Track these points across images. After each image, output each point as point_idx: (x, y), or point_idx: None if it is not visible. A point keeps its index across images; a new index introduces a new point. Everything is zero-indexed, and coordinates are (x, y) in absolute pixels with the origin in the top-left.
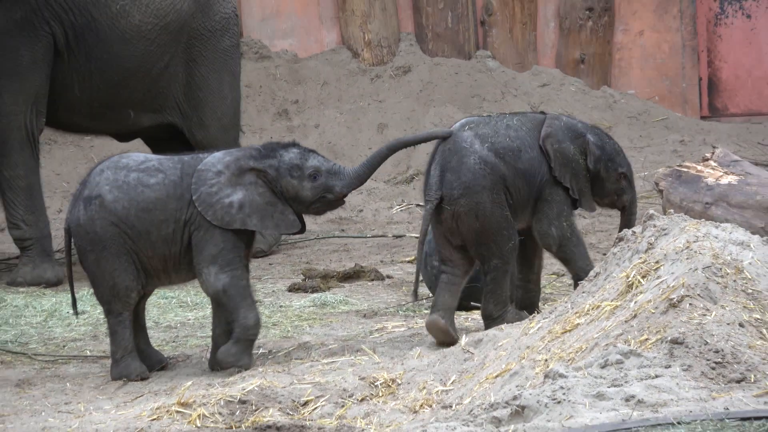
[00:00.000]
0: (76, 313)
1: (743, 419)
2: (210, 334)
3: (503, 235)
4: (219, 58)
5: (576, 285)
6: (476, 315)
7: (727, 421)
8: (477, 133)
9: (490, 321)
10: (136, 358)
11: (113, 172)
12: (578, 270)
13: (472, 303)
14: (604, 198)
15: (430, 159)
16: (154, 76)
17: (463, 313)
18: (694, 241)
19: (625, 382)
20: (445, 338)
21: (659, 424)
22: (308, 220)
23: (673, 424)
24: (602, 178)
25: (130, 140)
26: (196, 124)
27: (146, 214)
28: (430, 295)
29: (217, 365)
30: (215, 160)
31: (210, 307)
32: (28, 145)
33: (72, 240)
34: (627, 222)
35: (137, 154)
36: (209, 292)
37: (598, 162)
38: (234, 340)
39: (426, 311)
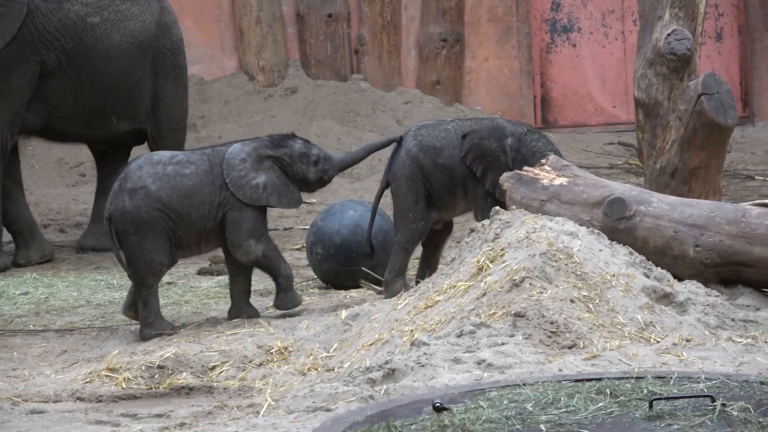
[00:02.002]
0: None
1: (577, 380)
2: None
3: (408, 218)
4: (175, 73)
5: None
6: (354, 293)
7: (564, 382)
8: (416, 133)
9: (384, 285)
10: (164, 318)
11: (151, 167)
12: None
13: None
14: None
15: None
16: (131, 87)
17: (342, 291)
18: (533, 232)
19: (477, 348)
20: None
21: (507, 386)
22: None
23: (519, 386)
24: None
25: (105, 146)
26: (155, 127)
27: (186, 199)
28: (315, 277)
29: (279, 309)
30: (237, 150)
31: None
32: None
33: (113, 227)
34: None
35: (164, 151)
36: (250, 260)
37: (513, 162)
38: (283, 290)
39: (312, 291)
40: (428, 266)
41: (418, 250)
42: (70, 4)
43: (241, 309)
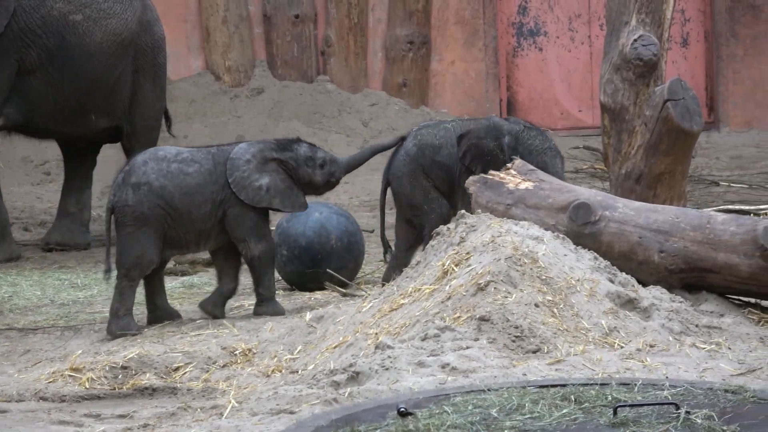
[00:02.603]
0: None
1: (541, 386)
2: (97, 310)
3: (425, 209)
4: (154, 72)
5: None
6: (318, 295)
7: (528, 388)
8: (416, 134)
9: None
10: (133, 317)
11: (156, 163)
12: None
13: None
14: None
15: None
16: (111, 84)
17: (306, 293)
18: (498, 236)
19: (442, 352)
20: None
21: (472, 391)
22: None
23: (484, 391)
24: None
25: (83, 143)
26: (130, 124)
27: (188, 197)
28: (279, 278)
29: (259, 316)
30: (243, 151)
31: (96, 288)
32: None
33: (114, 218)
34: None
35: (169, 147)
36: (247, 257)
37: (511, 160)
38: (264, 300)
39: (276, 292)
40: (398, 268)
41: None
42: (52, 1)
43: (215, 306)
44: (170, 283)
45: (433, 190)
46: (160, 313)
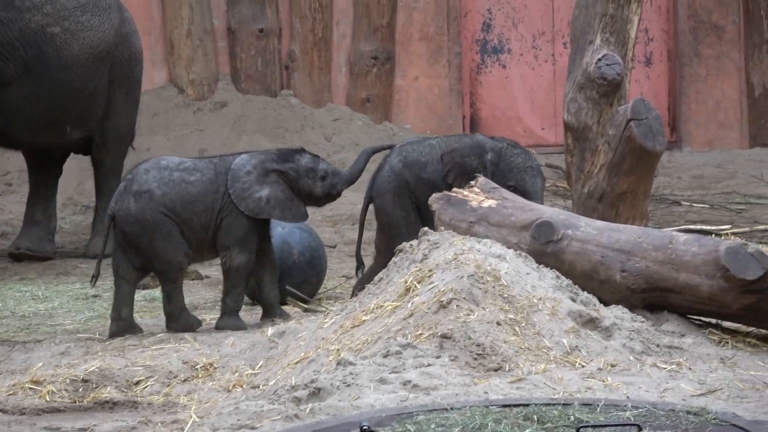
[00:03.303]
0: (94, 285)
1: (504, 405)
2: (58, 322)
3: (402, 232)
4: (129, 84)
5: None
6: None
7: (491, 407)
8: (400, 150)
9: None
10: (189, 313)
11: (158, 171)
12: None
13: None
14: None
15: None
16: (87, 96)
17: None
18: (461, 254)
19: (403, 369)
20: None
21: (435, 410)
22: None
23: (446, 410)
24: None
25: (58, 154)
26: (102, 136)
27: (190, 205)
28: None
29: (220, 330)
30: (244, 161)
31: (57, 300)
32: None
33: (116, 226)
34: None
35: (171, 157)
36: (226, 265)
37: (493, 176)
38: (228, 313)
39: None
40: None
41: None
42: (30, 14)
43: (275, 314)
44: None
45: (413, 212)
46: (123, 325)
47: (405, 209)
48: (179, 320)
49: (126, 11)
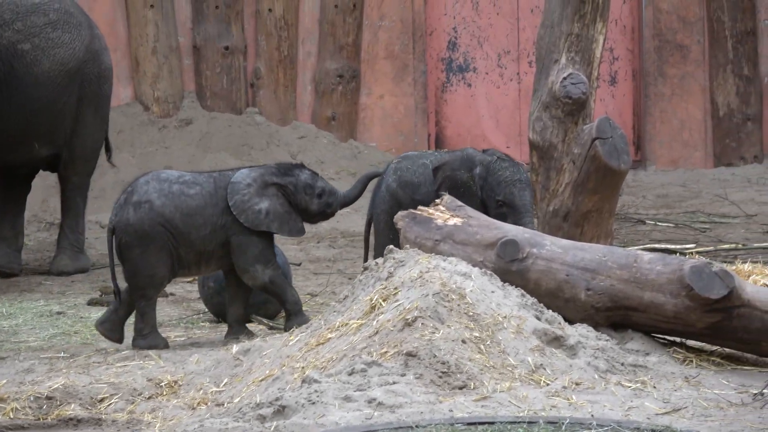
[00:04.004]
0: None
1: (469, 423)
2: (22, 339)
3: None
4: (98, 101)
5: None
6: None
7: (456, 425)
8: (396, 167)
9: None
10: (158, 333)
11: (158, 183)
12: None
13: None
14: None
15: None
16: (56, 112)
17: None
18: (426, 272)
19: (368, 387)
20: None
21: (401, 427)
22: (103, 245)
23: (411, 427)
24: (488, 205)
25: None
26: (69, 153)
27: (188, 218)
28: (206, 310)
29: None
30: (244, 175)
31: (22, 317)
32: None
33: (115, 238)
34: None
35: (171, 171)
36: (257, 285)
37: (481, 190)
38: (293, 314)
39: (203, 324)
40: None
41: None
42: (1, 30)
43: (240, 332)
44: (96, 314)
45: None
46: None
47: (395, 232)
48: (147, 338)
49: (96, 28)
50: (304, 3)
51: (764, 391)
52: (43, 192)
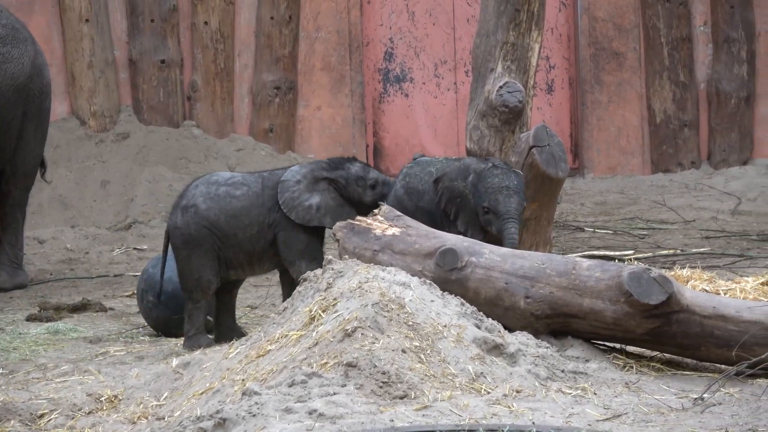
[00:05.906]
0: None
1: None
2: None
3: None
4: (39, 116)
5: None
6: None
7: None
8: (406, 174)
9: None
10: (204, 335)
11: (206, 186)
12: None
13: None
14: (487, 228)
15: None
16: (4, 129)
17: (173, 339)
18: (365, 282)
19: (309, 398)
20: None
21: None
22: (41, 260)
23: None
24: (477, 212)
25: None
26: (12, 168)
27: (233, 219)
28: (145, 324)
29: None
30: (294, 172)
31: None
32: None
33: (169, 240)
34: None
35: (224, 172)
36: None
37: (473, 198)
38: None
39: (142, 338)
40: None
41: None
42: None
43: (232, 330)
44: (35, 329)
45: None
46: (224, 331)
47: None
48: (191, 339)
49: (37, 44)
50: (240, 15)
51: (704, 395)
52: None
